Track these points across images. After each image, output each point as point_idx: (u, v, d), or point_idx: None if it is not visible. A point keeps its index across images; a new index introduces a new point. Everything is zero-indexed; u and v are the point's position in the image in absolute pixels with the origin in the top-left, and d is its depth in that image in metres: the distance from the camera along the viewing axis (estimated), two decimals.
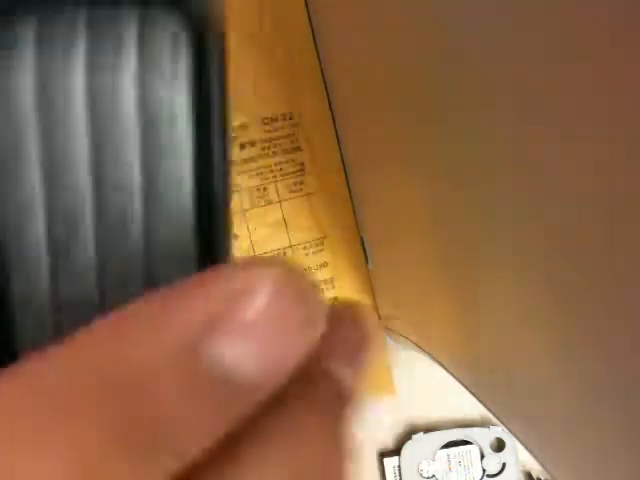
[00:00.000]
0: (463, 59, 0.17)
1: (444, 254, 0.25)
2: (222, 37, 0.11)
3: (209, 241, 0.12)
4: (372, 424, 0.43)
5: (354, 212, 0.43)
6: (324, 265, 0.43)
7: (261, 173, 0.43)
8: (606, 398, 0.15)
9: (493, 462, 0.43)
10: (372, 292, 0.43)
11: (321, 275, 0.43)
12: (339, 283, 0.43)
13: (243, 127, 0.42)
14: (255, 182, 0.42)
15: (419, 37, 0.19)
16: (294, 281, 0.10)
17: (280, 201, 0.43)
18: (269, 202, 0.43)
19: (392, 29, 0.22)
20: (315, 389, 0.11)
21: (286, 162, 0.43)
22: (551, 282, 0.16)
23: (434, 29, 0.18)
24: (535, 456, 0.23)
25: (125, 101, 0.11)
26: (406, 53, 0.21)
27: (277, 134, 0.43)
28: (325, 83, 0.43)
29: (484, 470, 0.43)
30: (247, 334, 0.09)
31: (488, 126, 0.16)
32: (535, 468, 0.43)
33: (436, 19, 0.18)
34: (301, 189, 0.43)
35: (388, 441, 0.44)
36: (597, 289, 0.14)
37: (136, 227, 0.11)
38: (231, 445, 0.10)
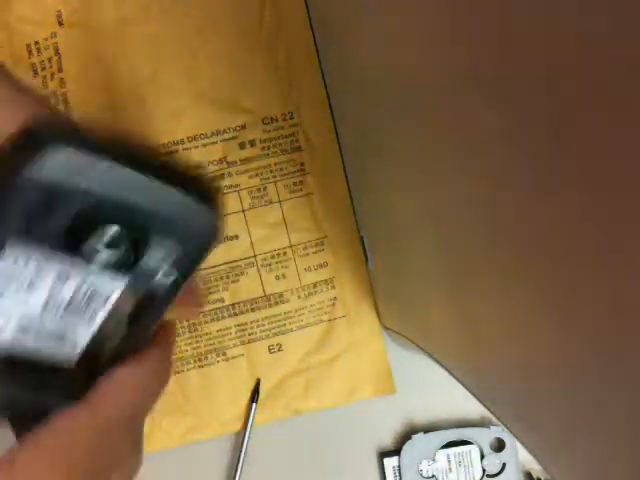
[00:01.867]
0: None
1: (444, 254, 0.25)
2: None
3: None
4: (372, 424, 0.43)
5: (354, 212, 0.43)
6: (324, 265, 0.43)
7: (261, 173, 0.43)
8: (606, 398, 0.15)
9: (493, 462, 0.43)
10: (372, 292, 0.43)
11: (321, 275, 0.43)
12: (339, 283, 0.43)
13: (243, 127, 0.42)
14: (255, 182, 0.42)
15: (419, 36, 0.19)
16: None
17: (280, 201, 0.43)
18: (269, 202, 0.43)
19: (391, 29, 0.22)
20: None
21: (286, 162, 0.43)
22: (550, 284, 0.16)
23: (433, 30, 0.18)
24: (535, 456, 0.23)
25: None
26: (406, 53, 0.21)
27: (277, 134, 0.43)
28: (325, 83, 0.43)
29: (484, 470, 0.43)
30: None
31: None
32: (535, 468, 0.43)
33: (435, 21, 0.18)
34: (301, 189, 0.43)
35: (388, 441, 0.44)
36: (598, 292, 0.14)
37: None
38: None
